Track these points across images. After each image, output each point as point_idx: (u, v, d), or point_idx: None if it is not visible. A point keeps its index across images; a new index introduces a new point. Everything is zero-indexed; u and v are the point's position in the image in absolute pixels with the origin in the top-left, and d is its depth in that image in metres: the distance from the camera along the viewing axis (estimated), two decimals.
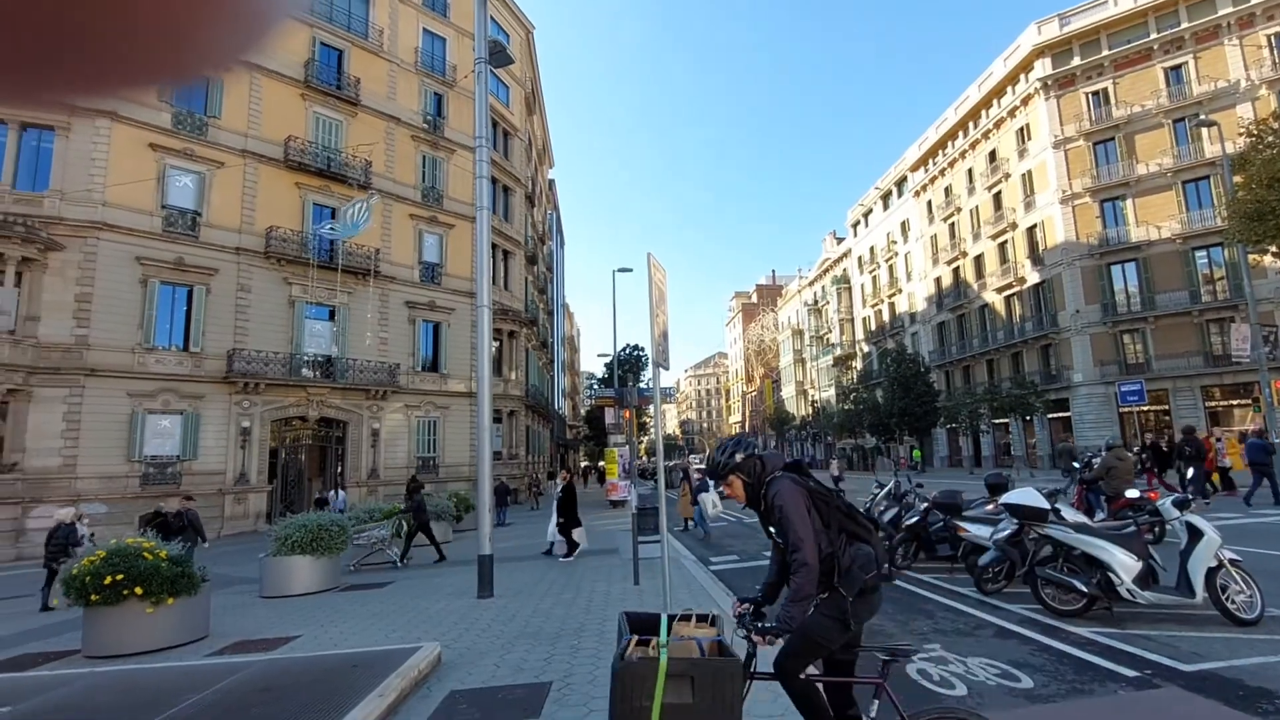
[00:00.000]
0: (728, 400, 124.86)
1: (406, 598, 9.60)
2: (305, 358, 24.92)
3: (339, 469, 26.19)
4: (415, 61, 30.30)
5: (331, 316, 25.99)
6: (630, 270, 28.46)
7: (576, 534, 12.60)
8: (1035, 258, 36.81)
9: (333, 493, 23.07)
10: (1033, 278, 36.91)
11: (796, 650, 2.87)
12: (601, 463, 48.44)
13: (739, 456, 3.11)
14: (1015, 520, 6.99)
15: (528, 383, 35.63)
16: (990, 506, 8.93)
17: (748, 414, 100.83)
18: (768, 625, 2.84)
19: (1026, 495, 6.93)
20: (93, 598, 7.16)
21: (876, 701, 2.80)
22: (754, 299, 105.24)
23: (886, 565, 2.96)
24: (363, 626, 7.92)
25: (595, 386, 62.78)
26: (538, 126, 45.02)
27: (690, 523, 16.23)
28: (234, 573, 13.02)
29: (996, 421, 39.20)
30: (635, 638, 2.96)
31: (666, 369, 6.46)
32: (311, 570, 10.46)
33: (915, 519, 9.49)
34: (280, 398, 24.13)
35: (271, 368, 23.75)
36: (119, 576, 7.13)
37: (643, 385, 35.05)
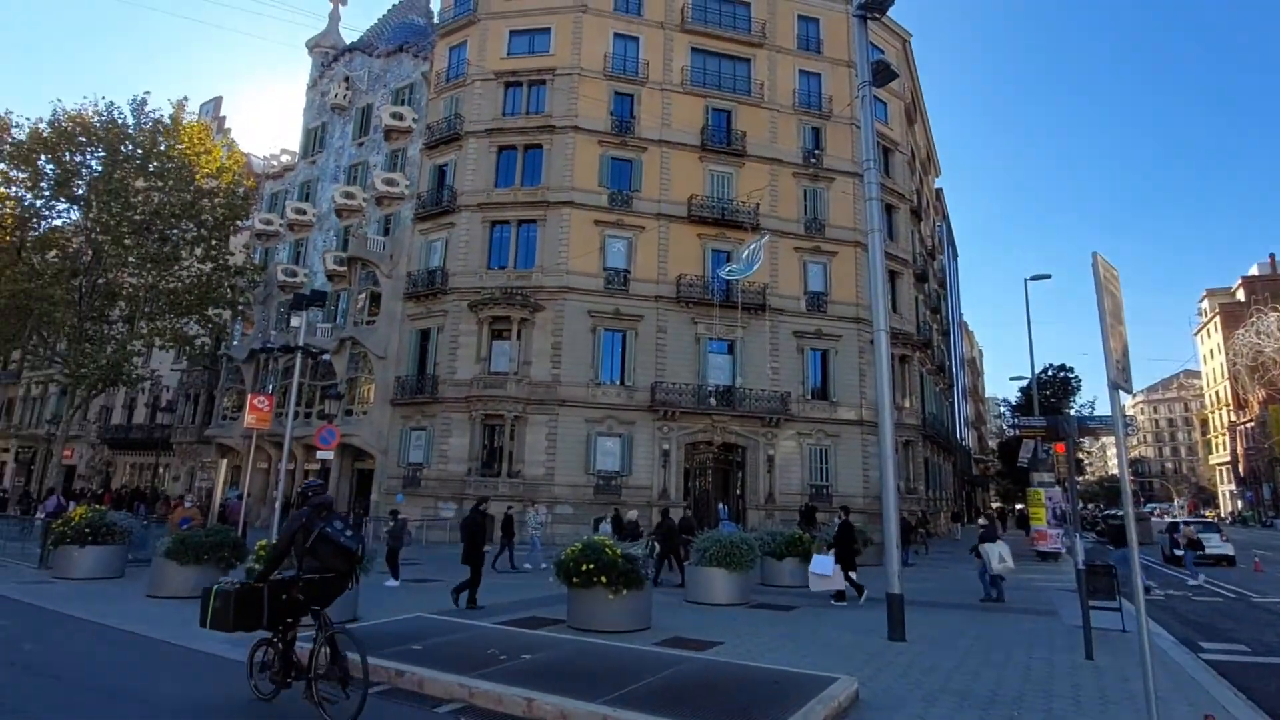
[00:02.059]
0: (1205, 433, 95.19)
1: (812, 625, 9.84)
2: (709, 388, 27.89)
3: (739, 491, 28.37)
4: (793, 103, 31.83)
5: (730, 350, 28.61)
6: (1047, 277, 24.30)
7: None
8: None
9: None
10: None
11: None
12: (1019, 505, 41.90)
13: None
14: None
15: (924, 411, 33.20)
16: None
17: (1240, 451, 75.18)
18: None
19: None
20: (574, 580, 9.05)
21: None
22: (1239, 296, 78.66)
23: None
24: (775, 645, 8.40)
25: (1006, 414, 54.87)
26: (919, 136, 42.44)
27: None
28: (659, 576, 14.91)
29: None
30: None
31: (1129, 392, 5.27)
32: (727, 583, 11.51)
33: None
34: (691, 424, 27.46)
35: (683, 398, 27.24)
36: (591, 566, 8.89)
37: (1083, 412, 29.35)
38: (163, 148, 23.41)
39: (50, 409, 34.19)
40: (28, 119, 22.58)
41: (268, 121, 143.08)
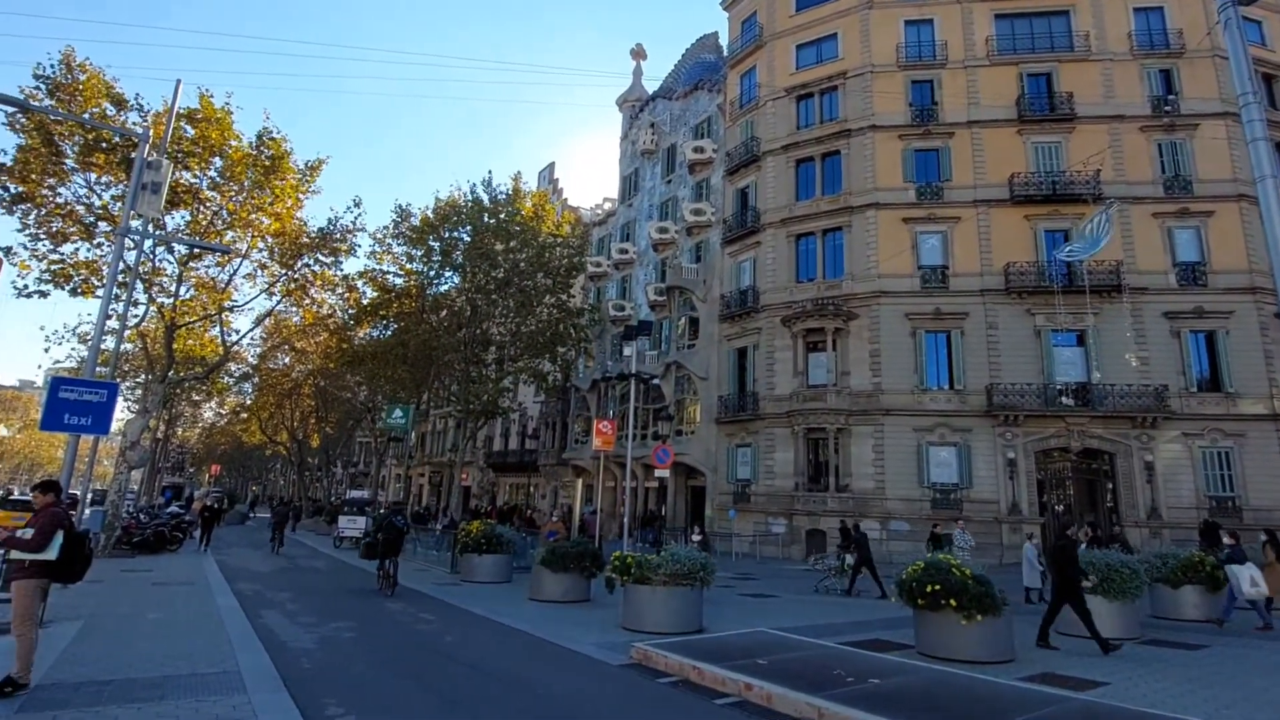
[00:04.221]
0: None
1: (1231, 669, 8.99)
2: (1058, 387, 26.53)
3: (1110, 504, 26.29)
4: (1129, 48, 29.30)
5: (1080, 341, 26.93)
6: None
7: None
8: None
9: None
10: None
11: None
12: None
13: None
14: None
15: None
16: None
17: None
18: None
19: None
20: (919, 602, 8.94)
21: None
22: None
23: None
24: (1178, 691, 7.70)
25: None
26: None
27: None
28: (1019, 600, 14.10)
29: None
30: None
31: None
32: (1105, 613, 10.55)
33: None
34: (1039, 429, 26.31)
35: (1027, 399, 26.29)
36: (936, 587, 8.74)
37: None
38: (507, 215, 29.73)
39: (450, 440, 44.28)
40: (419, 208, 30.29)
41: (591, 174, 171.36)
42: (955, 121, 29.22)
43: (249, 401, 48.29)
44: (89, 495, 21.15)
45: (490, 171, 45.80)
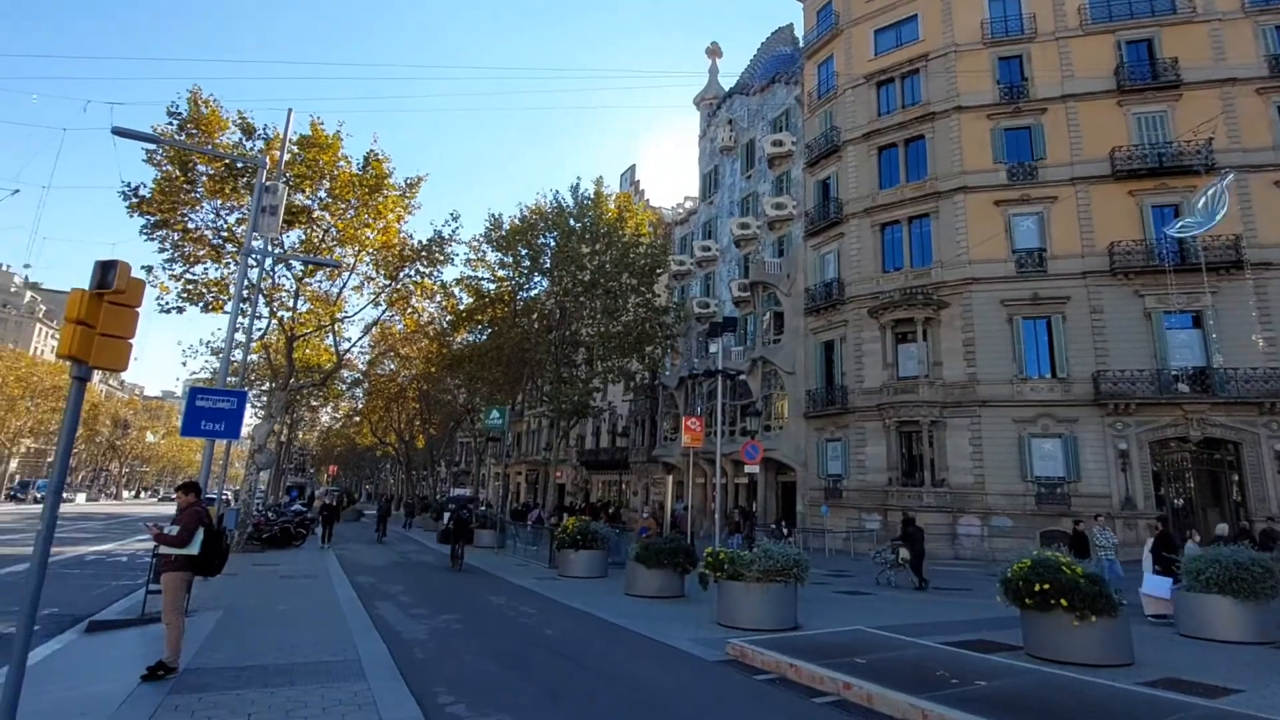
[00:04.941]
0: None
1: None
2: (1173, 372, 24.35)
3: (1238, 498, 23.89)
4: (1240, 5, 26.58)
5: (1196, 323, 24.61)
6: None
7: None
8: None
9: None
10: None
11: None
12: None
13: None
14: None
15: None
16: None
17: None
18: None
19: None
20: (1026, 601, 8.48)
21: None
22: None
23: None
24: None
25: None
26: None
27: None
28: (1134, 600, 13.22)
29: None
30: None
31: None
32: (1235, 615, 9.85)
33: None
34: (1153, 417, 24.21)
35: (1138, 386, 24.25)
36: (1046, 586, 8.27)
37: None
38: (592, 219, 29.99)
39: (544, 439, 45.53)
40: (509, 217, 30.97)
41: (670, 174, 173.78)
42: (1048, 97, 27.34)
43: (360, 406, 51.04)
44: (226, 494, 22.94)
45: (579, 178, 46.28)
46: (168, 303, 21.57)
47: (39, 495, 56.85)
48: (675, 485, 33.46)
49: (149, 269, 21.45)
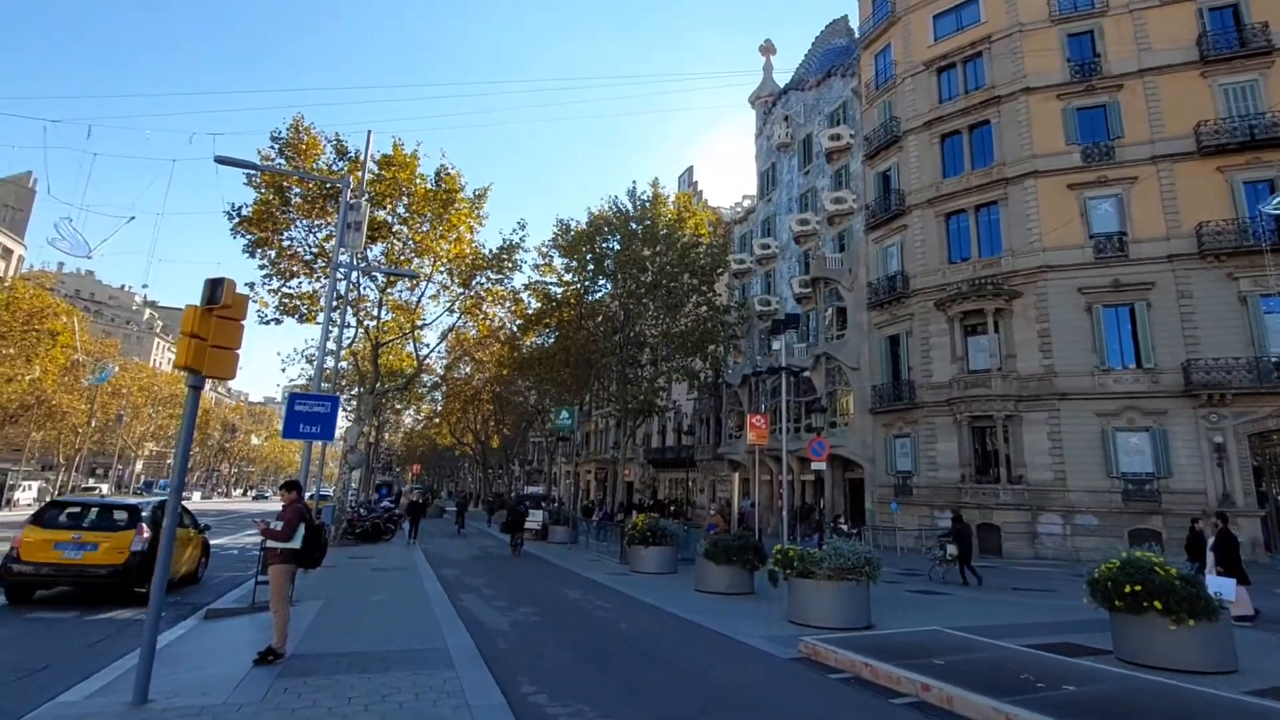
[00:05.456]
0: None
1: None
2: (1274, 359, 22.52)
3: None
4: None
5: None
6: None
7: None
8: None
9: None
10: None
11: None
12: None
13: None
14: None
15: None
16: None
17: None
18: None
19: None
20: (1116, 603, 8.02)
21: None
22: None
23: None
24: None
25: None
26: None
27: None
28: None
29: None
30: None
31: None
32: None
33: None
34: (1252, 408, 22.46)
35: (1234, 375, 22.55)
36: (1137, 588, 7.79)
37: None
38: (651, 220, 30.10)
39: (611, 438, 46.12)
40: (574, 223, 31.41)
41: (728, 174, 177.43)
42: (1124, 72, 25.77)
43: (439, 408, 52.89)
44: (332, 491, 24.21)
45: (634, 182, 46.51)
46: (267, 315, 23.03)
47: (161, 493, 61.35)
48: (741, 482, 33.20)
49: (251, 285, 22.93)
